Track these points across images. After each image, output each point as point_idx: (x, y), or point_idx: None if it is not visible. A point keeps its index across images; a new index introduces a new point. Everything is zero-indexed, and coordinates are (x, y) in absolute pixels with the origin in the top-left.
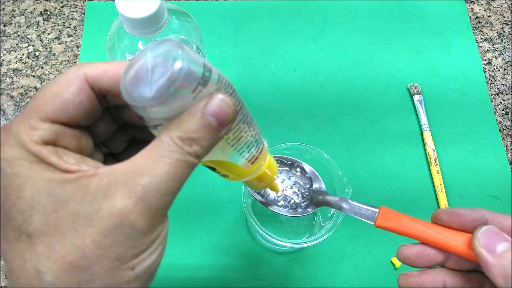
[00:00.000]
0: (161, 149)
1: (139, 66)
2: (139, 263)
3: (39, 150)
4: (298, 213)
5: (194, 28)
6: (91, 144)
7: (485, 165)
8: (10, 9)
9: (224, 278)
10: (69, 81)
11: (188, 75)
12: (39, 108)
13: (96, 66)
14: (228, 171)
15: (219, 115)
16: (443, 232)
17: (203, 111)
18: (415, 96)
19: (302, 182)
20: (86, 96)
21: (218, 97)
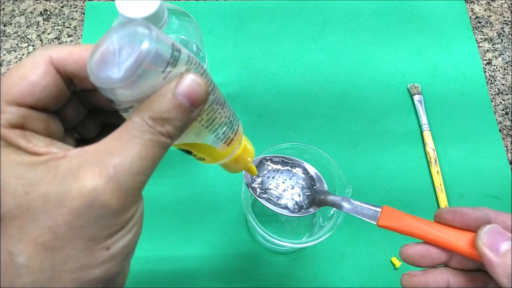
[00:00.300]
0: (132, 130)
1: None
2: (114, 243)
3: (6, 133)
4: (300, 213)
5: (194, 28)
6: (61, 128)
7: (485, 165)
8: (10, 9)
9: (224, 278)
10: (35, 64)
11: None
12: (5, 91)
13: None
14: (204, 154)
15: (190, 95)
16: (446, 231)
17: (174, 91)
18: (415, 96)
19: (304, 182)
20: (52, 79)
21: (189, 77)
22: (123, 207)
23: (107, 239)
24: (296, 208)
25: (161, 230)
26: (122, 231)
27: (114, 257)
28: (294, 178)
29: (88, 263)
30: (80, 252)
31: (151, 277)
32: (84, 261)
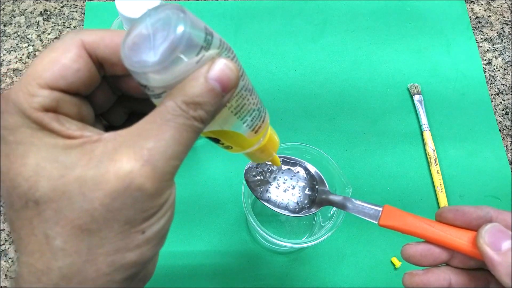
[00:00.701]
0: (165, 114)
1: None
2: (149, 226)
3: (40, 116)
4: (301, 213)
5: None
6: (92, 113)
7: (485, 165)
8: (10, 9)
9: (224, 278)
10: (66, 47)
11: (191, 39)
12: (38, 74)
13: (93, 32)
14: (232, 142)
15: (222, 80)
16: (447, 230)
17: (206, 75)
18: (415, 96)
19: (305, 182)
20: (84, 63)
21: (220, 62)
22: (157, 190)
23: (142, 223)
24: (297, 208)
25: None
26: (156, 215)
27: (149, 240)
28: (295, 178)
29: (124, 246)
30: (116, 235)
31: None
32: (119, 244)
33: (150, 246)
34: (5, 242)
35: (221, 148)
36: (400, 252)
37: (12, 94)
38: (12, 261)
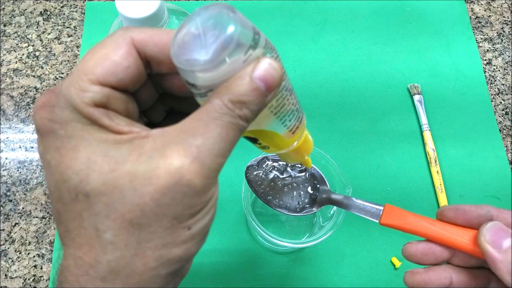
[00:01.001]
0: (212, 112)
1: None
2: (195, 223)
3: (91, 111)
4: (302, 213)
5: None
6: (137, 110)
7: (485, 165)
8: (10, 9)
9: (224, 278)
10: (117, 44)
11: (240, 38)
12: (89, 70)
13: (143, 31)
14: (269, 142)
15: (267, 79)
16: (448, 229)
17: (252, 75)
18: (415, 96)
19: (306, 181)
20: (134, 60)
21: (265, 61)
22: (204, 187)
23: (189, 219)
24: (297, 207)
25: None
26: (202, 211)
27: (194, 236)
28: (296, 177)
29: (171, 241)
30: (164, 230)
31: None
32: (167, 239)
33: (195, 242)
34: (5, 242)
35: (257, 147)
36: (400, 252)
37: (63, 89)
38: (12, 261)
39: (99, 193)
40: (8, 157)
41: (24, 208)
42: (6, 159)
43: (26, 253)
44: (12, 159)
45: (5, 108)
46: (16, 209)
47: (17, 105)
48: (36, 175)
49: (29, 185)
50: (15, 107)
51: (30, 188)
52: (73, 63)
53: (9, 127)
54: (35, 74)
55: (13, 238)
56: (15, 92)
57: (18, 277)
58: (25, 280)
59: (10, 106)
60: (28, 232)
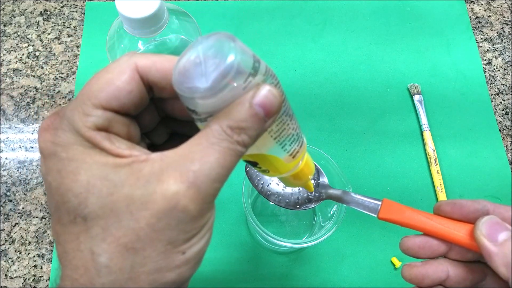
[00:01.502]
0: (211, 137)
1: (191, 59)
2: (190, 247)
3: (92, 135)
4: (302, 207)
5: (194, 28)
6: (139, 133)
7: (485, 165)
8: (10, 9)
9: (224, 278)
10: (121, 69)
11: (240, 67)
12: (93, 95)
13: (146, 57)
14: (269, 166)
15: (266, 106)
16: (445, 223)
17: (251, 101)
18: (415, 96)
19: None
20: (137, 85)
21: (265, 88)
22: (200, 212)
23: (184, 243)
24: (297, 202)
25: None
26: (197, 236)
27: (188, 261)
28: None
29: (165, 265)
30: (159, 255)
31: None
32: (161, 263)
33: (189, 266)
34: (5, 242)
35: (258, 171)
36: (398, 247)
37: (67, 112)
38: (12, 261)
39: (96, 217)
40: (8, 157)
41: (24, 208)
42: (6, 159)
43: (26, 253)
44: (12, 159)
45: (5, 108)
46: (16, 209)
47: (17, 105)
48: (36, 175)
49: (29, 185)
50: (15, 107)
51: (30, 188)
52: (73, 63)
53: (9, 127)
54: (35, 74)
55: (13, 238)
56: (15, 92)
57: (18, 277)
58: (25, 280)
59: (10, 106)
60: (28, 232)
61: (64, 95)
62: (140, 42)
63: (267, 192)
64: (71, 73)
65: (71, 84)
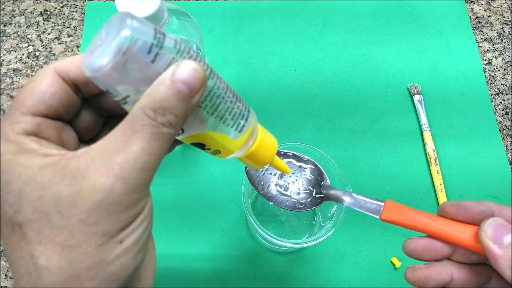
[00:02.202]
0: (133, 124)
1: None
2: (126, 236)
3: (20, 139)
4: (303, 209)
5: (194, 28)
6: (74, 138)
7: (485, 165)
8: (10, 9)
9: (224, 278)
10: (42, 76)
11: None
12: (20, 103)
13: (65, 59)
14: (217, 145)
15: (188, 81)
16: (449, 225)
17: (172, 78)
18: (415, 96)
19: (307, 177)
20: (59, 86)
21: (185, 63)
22: (132, 202)
23: (119, 233)
24: (298, 203)
25: (161, 230)
26: (133, 224)
27: (128, 250)
28: (297, 172)
29: (104, 258)
30: (96, 249)
31: None
32: (99, 256)
33: (129, 256)
34: None
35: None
36: (401, 252)
37: None
38: None
39: (30, 221)
40: None
41: None
42: None
43: None
44: None
45: (5, 108)
46: None
47: None
48: None
49: None
50: None
51: None
52: None
53: None
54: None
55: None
56: (15, 92)
57: None
58: None
59: None
60: None
61: None
62: None
63: (267, 194)
64: None
65: None
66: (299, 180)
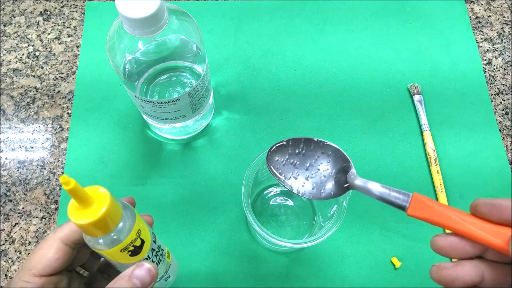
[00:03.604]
0: None
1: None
2: None
3: None
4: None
5: (194, 28)
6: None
7: (485, 165)
8: (10, 9)
9: (224, 278)
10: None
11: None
12: (32, 267)
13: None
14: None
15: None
16: (481, 225)
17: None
18: (415, 96)
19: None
20: (63, 252)
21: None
22: None
23: None
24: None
25: (161, 230)
26: None
27: None
28: (320, 160)
29: None
30: None
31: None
32: None
33: None
34: (5, 242)
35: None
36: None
37: (12, 282)
38: (12, 261)
39: None
40: (8, 157)
41: (24, 208)
42: (6, 159)
43: (26, 253)
44: (12, 159)
45: (5, 108)
46: (16, 209)
47: (17, 105)
48: (36, 175)
49: (29, 185)
50: (15, 107)
51: (30, 188)
52: (73, 63)
53: (9, 127)
54: (35, 74)
55: (13, 238)
56: (15, 92)
57: None
58: None
59: (10, 106)
60: (28, 232)
61: (64, 95)
62: (140, 42)
63: (289, 183)
64: (71, 73)
65: (71, 84)
66: (322, 168)
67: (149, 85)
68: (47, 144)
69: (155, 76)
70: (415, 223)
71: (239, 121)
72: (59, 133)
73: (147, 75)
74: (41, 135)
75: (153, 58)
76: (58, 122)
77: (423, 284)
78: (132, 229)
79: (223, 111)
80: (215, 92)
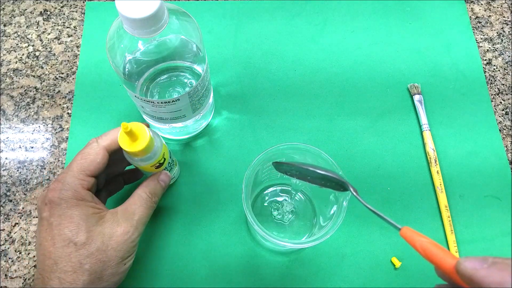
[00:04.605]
0: (141, 199)
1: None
2: (128, 261)
3: (84, 193)
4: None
5: (194, 28)
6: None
7: (485, 165)
8: (10, 9)
9: (224, 278)
10: (97, 152)
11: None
12: (86, 168)
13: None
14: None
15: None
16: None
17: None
18: (415, 96)
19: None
20: (106, 159)
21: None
22: (137, 239)
23: (126, 259)
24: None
25: (161, 230)
26: (132, 254)
27: (126, 269)
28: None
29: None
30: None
31: (151, 277)
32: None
33: (126, 273)
34: (5, 242)
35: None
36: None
37: (67, 179)
38: (12, 261)
39: (83, 243)
40: (8, 157)
41: (24, 208)
42: (6, 159)
43: (26, 253)
44: (12, 159)
45: (5, 108)
46: (16, 209)
47: (17, 105)
48: (36, 175)
49: (29, 185)
50: (15, 107)
51: (30, 188)
52: (73, 63)
53: (9, 127)
54: (35, 74)
55: (13, 238)
56: (15, 92)
57: (18, 277)
58: (25, 280)
59: (10, 106)
60: (28, 232)
61: (64, 95)
62: (140, 42)
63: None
64: (71, 73)
65: (71, 84)
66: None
67: (149, 85)
68: (47, 144)
69: (155, 76)
70: (415, 223)
71: (239, 121)
72: (59, 133)
73: (147, 75)
74: (41, 135)
75: (153, 58)
76: (58, 122)
77: (423, 284)
78: (160, 152)
79: (223, 111)
80: (215, 92)
